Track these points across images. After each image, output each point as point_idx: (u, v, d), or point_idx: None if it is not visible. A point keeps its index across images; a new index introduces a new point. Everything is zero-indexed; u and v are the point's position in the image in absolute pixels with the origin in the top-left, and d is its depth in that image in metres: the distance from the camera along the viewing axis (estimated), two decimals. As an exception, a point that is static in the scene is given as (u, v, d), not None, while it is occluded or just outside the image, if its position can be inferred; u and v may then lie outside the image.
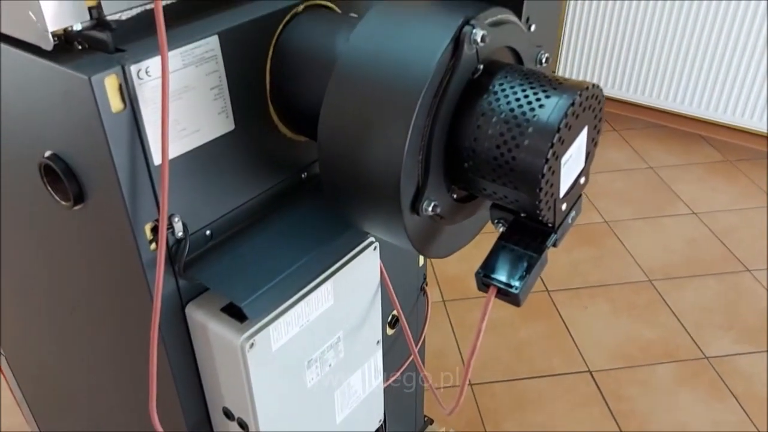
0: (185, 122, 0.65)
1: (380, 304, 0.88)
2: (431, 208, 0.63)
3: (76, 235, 0.73)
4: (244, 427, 0.76)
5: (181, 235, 0.68)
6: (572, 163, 0.63)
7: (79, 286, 0.81)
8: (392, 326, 1.12)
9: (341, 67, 0.61)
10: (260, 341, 0.70)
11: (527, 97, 0.59)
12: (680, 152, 2.84)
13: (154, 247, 0.66)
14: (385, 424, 1.01)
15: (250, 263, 0.72)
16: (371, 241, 0.82)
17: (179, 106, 0.64)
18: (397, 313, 0.98)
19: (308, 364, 0.79)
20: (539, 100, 0.58)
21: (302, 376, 0.79)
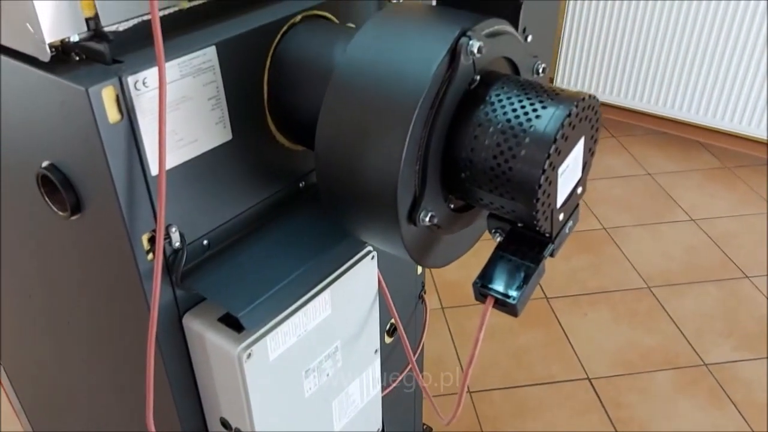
0: (183, 132, 0.65)
1: (378, 312, 0.88)
2: (428, 218, 0.63)
3: (73, 245, 0.73)
4: (241, 437, 0.76)
5: (178, 245, 0.68)
6: (569, 173, 0.63)
7: (76, 295, 0.81)
8: (390, 335, 1.11)
9: (338, 77, 0.61)
10: (257, 351, 0.70)
11: (524, 107, 0.59)
12: (679, 159, 2.84)
13: (151, 257, 0.66)
14: (383, 433, 1.00)
15: (247, 273, 0.72)
16: (369, 250, 0.82)
17: (177, 116, 0.64)
18: (395, 321, 0.98)
19: (306, 373, 0.79)
20: (536, 110, 0.59)
21: (300, 385, 0.79)
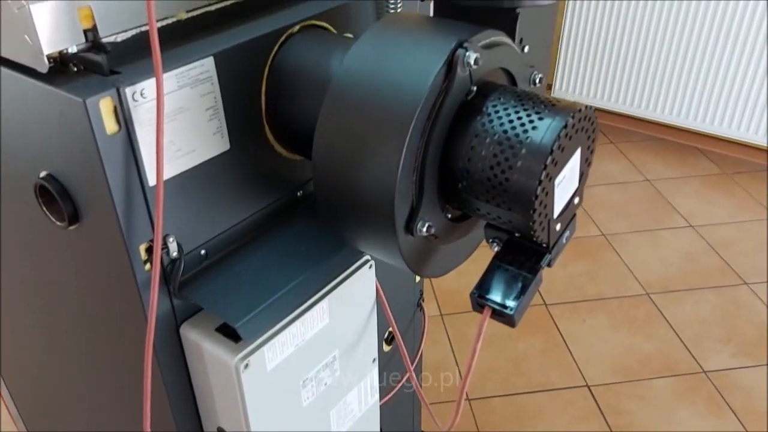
0: (180, 143, 0.65)
1: (376, 321, 0.88)
2: (425, 228, 0.63)
3: (71, 254, 0.73)
4: (238, 447, 0.76)
5: (175, 255, 0.68)
6: (566, 183, 0.63)
7: (74, 305, 0.81)
8: (389, 343, 1.11)
9: (336, 87, 0.62)
10: (255, 362, 0.70)
11: (520, 118, 0.59)
12: (677, 165, 2.85)
13: (148, 267, 0.66)
14: (381, 441, 1.00)
15: (245, 282, 0.72)
16: (367, 259, 0.82)
17: (174, 127, 0.64)
18: (393, 330, 0.98)
19: (303, 383, 0.79)
20: (532, 122, 0.59)
21: (297, 395, 0.79)
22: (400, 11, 0.80)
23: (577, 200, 0.68)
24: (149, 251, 0.66)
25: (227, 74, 0.67)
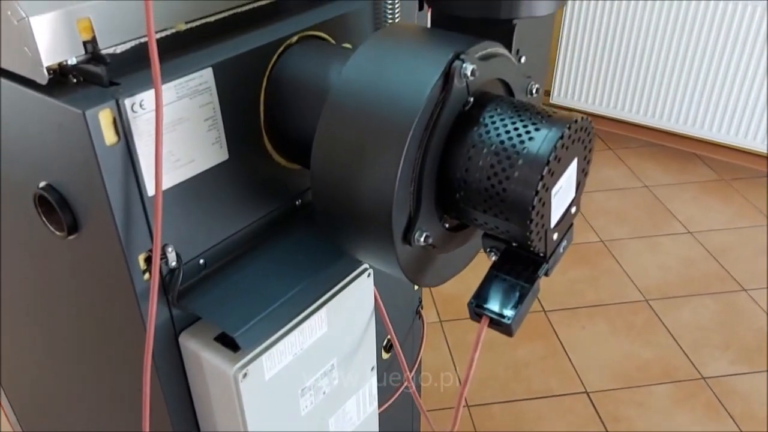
0: (179, 153, 0.65)
1: (374, 330, 0.89)
2: (423, 238, 0.64)
3: (70, 264, 0.73)
4: (237, 456, 0.76)
5: (174, 264, 0.68)
6: (562, 193, 0.63)
7: (73, 314, 0.81)
8: (387, 350, 1.12)
9: (334, 98, 0.62)
10: (253, 371, 0.70)
11: (517, 129, 0.60)
12: (676, 171, 2.85)
13: (147, 277, 0.66)
14: (380, 449, 1.00)
15: (243, 292, 0.72)
16: (365, 267, 0.83)
17: (173, 137, 0.64)
18: (391, 338, 0.98)
19: (302, 392, 0.79)
20: (529, 132, 0.59)
21: (296, 403, 0.79)
22: (397, 22, 0.81)
23: (574, 210, 0.68)
24: (148, 261, 0.66)
25: (226, 85, 0.67)
